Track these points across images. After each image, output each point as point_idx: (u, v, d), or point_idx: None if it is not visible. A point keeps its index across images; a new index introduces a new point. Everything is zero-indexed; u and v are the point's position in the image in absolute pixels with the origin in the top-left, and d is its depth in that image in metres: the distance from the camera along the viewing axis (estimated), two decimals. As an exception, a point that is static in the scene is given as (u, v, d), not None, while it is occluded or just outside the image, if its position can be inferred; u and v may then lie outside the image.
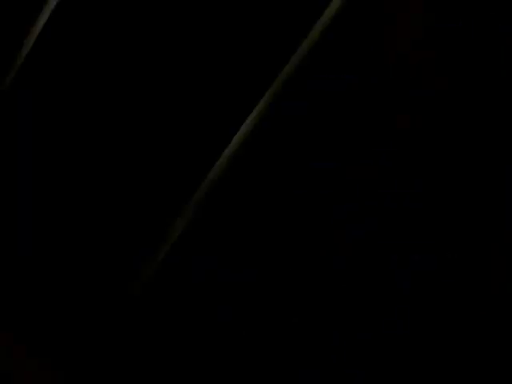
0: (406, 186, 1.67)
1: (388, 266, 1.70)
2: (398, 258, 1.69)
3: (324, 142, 1.78)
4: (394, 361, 1.63)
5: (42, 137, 2.25)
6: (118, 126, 2.20)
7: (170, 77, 2.15)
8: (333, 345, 1.71)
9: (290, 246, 1.87)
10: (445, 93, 1.62)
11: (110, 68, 2.18)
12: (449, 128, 1.61)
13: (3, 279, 2.14)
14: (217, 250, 2.05)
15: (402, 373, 1.62)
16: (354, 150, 1.76)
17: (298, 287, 1.77)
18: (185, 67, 2.14)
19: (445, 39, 1.59)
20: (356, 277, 1.71)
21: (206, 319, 2.01)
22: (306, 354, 1.70)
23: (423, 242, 1.67)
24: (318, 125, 1.84)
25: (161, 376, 2.04)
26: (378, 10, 1.69)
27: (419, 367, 1.61)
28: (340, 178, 1.80)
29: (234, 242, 2.03)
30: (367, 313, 1.69)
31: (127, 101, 2.18)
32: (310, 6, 1.93)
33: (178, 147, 2.17)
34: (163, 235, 2.06)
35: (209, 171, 2.07)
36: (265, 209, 1.99)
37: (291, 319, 1.73)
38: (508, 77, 1.52)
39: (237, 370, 1.81)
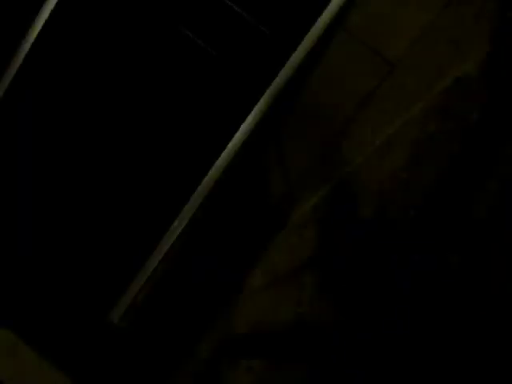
0: (405, 186, 1.67)
1: (388, 266, 1.70)
2: (398, 258, 1.69)
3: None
4: (394, 360, 1.63)
5: (41, 139, 2.24)
6: (117, 128, 2.20)
7: (170, 79, 2.15)
8: (332, 344, 1.70)
9: (290, 245, 1.87)
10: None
11: (110, 69, 2.18)
12: (449, 129, 1.61)
13: (3, 279, 2.14)
14: (216, 250, 2.04)
15: (402, 372, 1.62)
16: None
17: (297, 287, 1.77)
18: (183, 70, 2.14)
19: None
20: (356, 277, 1.71)
21: (205, 317, 2.01)
22: (306, 354, 1.70)
23: (423, 242, 1.67)
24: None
25: (160, 375, 2.04)
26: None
27: (419, 367, 1.61)
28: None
29: (233, 242, 2.03)
30: (367, 313, 1.69)
31: (126, 102, 2.18)
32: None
33: (178, 148, 2.17)
34: (162, 235, 2.06)
35: (209, 170, 2.06)
36: (261, 208, 1.99)
37: (291, 318, 1.73)
38: None
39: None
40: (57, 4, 2.13)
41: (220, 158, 2.02)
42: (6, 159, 2.24)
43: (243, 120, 2.00)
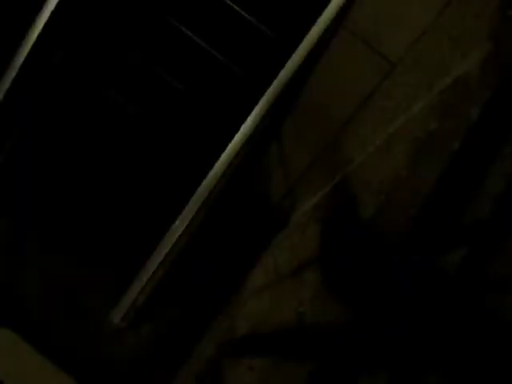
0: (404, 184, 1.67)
1: (388, 266, 1.70)
2: (398, 258, 1.68)
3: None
4: (394, 360, 1.63)
5: (41, 141, 2.24)
6: (117, 127, 2.20)
7: (170, 78, 2.15)
8: (333, 344, 1.70)
9: (291, 244, 1.87)
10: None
11: (112, 70, 2.18)
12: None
13: (4, 279, 2.14)
14: (217, 249, 2.04)
15: (402, 372, 1.62)
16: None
17: (298, 286, 1.77)
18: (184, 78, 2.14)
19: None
20: (356, 276, 1.71)
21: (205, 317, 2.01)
22: (306, 353, 1.70)
23: (423, 242, 1.67)
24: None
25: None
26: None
27: (419, 367, 1.61)
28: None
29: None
30: (367, 312, 1.69)
31: (126, 102, 2.18)
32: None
33: (179, 148, 2.17)
34: (163, 235, 2.06)
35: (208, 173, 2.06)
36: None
37: (292, 318, 1.72)
38: None
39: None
40: (57, 4, 2.13)
41: (221, 158, 2.02)
42: (5, 162, 2.24)
43: (244, 120, 2.00)
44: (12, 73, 2.08)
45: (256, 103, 1.97)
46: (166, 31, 2.12)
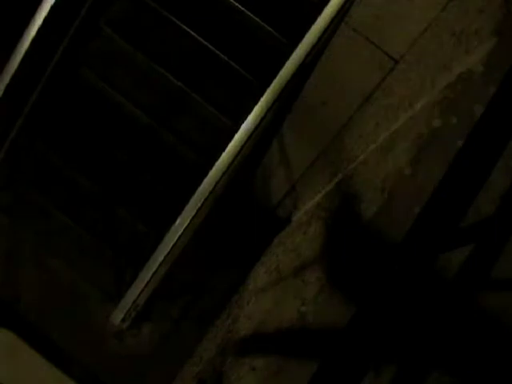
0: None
1: (390, 265, 1.69)
2: (401, 257, 1.68)
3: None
4: (395, 360, 1.63)
5: (40, 141, 2.24)
6: (117, 126, 2.20)
7: (170, 78, 2.15)
8: (335, 344, 1.70)
9: (294, 243, 1.87)
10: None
11: (111, 67, 2.18)
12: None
13: (4, 281, 2.14)
14: (219, 249, 2.04)
15: (403, 372, 1.61)
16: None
17: (301, 286, 1.76)
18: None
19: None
20: (359, 275, 1.71)
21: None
22: (307, 354, 1.70)
23: (426, 241, 1.66)
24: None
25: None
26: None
27: (420, 366, 1.60)
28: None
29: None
30: (368, 312, 1.68)
31: (125, 101, 2.18)
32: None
33: (179, 147, 2.17)
34: (164, 235, 2.05)
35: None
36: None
37: (294, 317, 1.72)
38: None
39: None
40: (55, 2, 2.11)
41: (221, 158, 2.00)
42: (5, 161, 2.24)
43: (245, 118, 1.99)
44: (11, 69, 2.07)
45: (258, 101, 1.95)
46: (165, 29, 2.12)
